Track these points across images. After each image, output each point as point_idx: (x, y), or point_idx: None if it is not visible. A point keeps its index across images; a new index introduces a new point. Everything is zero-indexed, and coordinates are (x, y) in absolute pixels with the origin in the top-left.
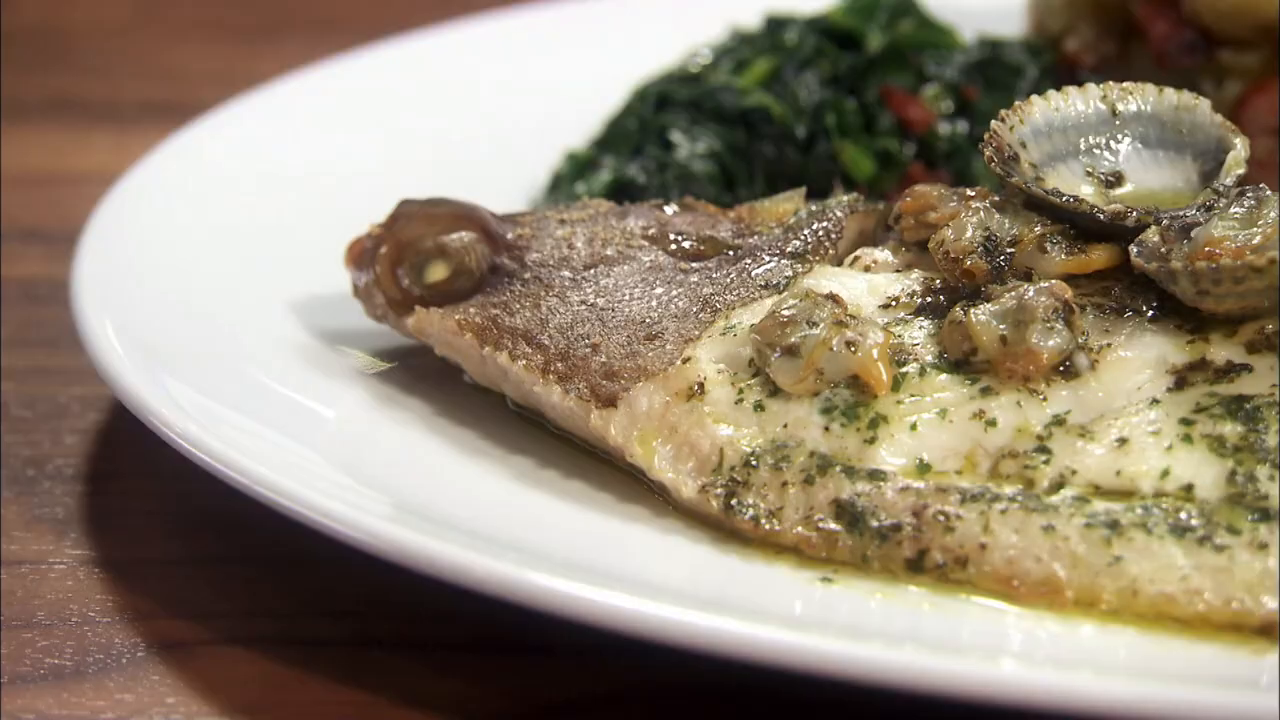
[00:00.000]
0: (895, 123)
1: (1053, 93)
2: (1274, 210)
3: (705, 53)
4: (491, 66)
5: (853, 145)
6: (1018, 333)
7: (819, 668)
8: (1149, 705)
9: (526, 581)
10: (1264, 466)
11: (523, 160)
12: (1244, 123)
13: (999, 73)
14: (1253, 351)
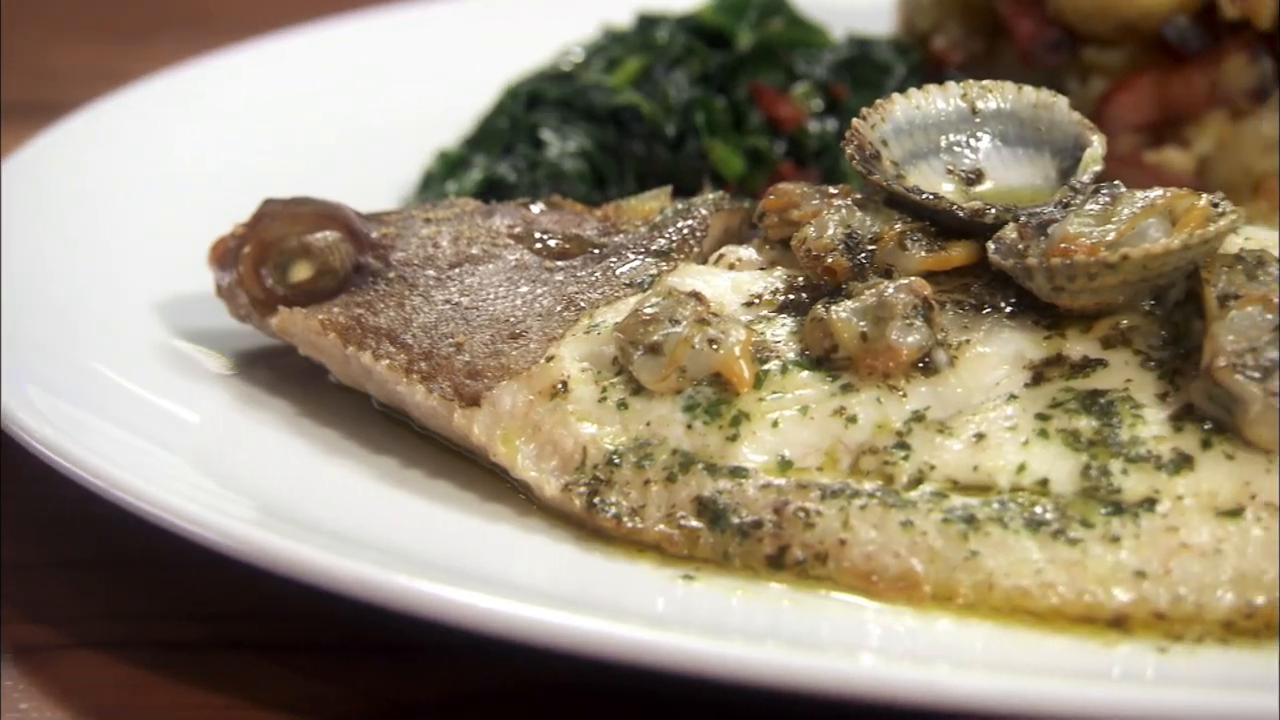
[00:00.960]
0: (765, 121)
1: (914, 91)
2: (1129, 207)
3: (577, 51)
4: (363, 65)
5: (722, 143)
6: (878, 329)
7: (680, 666)
8: (1005, 698)
9: (387, 582)
10: (1117, 460)
11: (395, 159)
12: (1108, 120)
13: (867, 71)
14: (1108, 347)
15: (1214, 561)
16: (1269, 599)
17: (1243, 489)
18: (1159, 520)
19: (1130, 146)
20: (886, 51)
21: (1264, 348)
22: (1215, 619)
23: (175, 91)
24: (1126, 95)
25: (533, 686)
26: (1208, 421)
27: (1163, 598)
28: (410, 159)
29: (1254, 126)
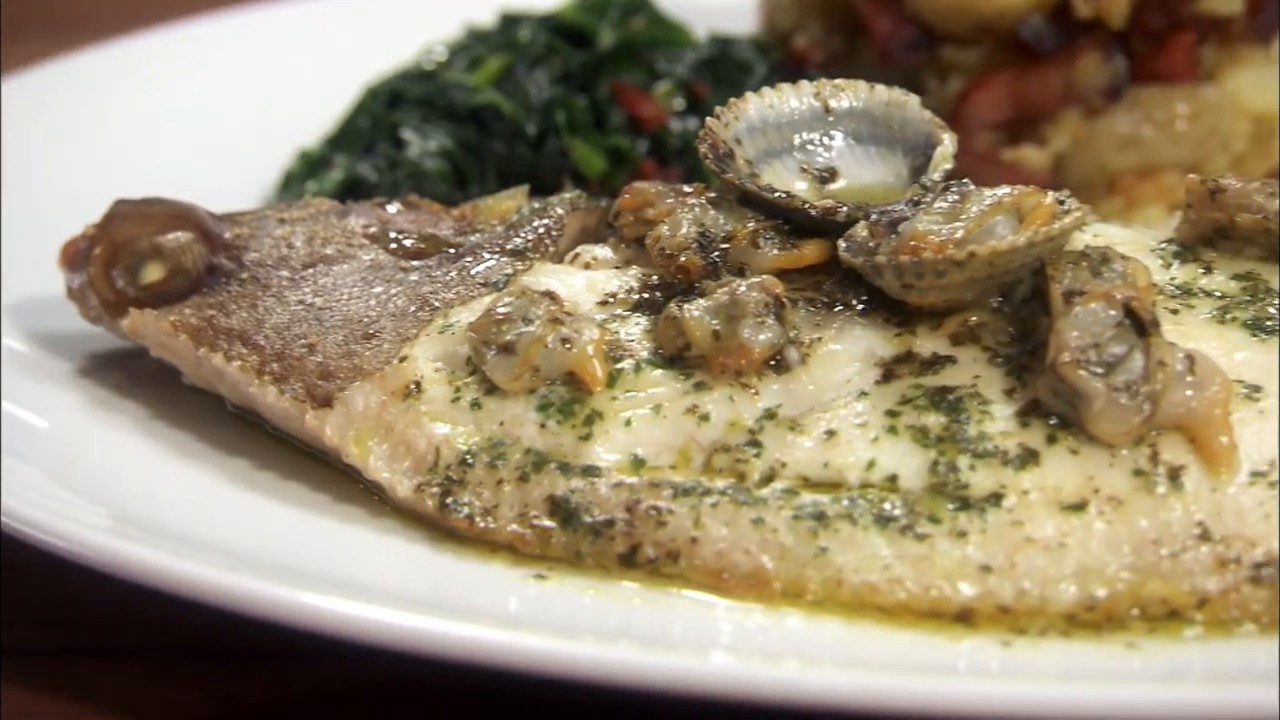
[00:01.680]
0: (627, 120)
1: (767, 90)
2: (977, 205)
3: (440, 50)
4: (224, 64)
5: (583, 142)
6: (730, 328)
7: (533, 666)
8: (852, 695)
9: (235, 586)
10: (965, 456)
11: (256, 159)
12: (966, 118)
13: (729, 70)
14: (957, 344)
15: (1058, 555)
16: (1110, 591)
17: (1086, 483)
18: (1005, 515)
19: (988, 144)
20: (747, 50)
21: (1106, 343)
22: (1058, 612)
23: (29, 92)
24: (983, 94)
25: (387, 687)
26: (1053, 417)
27: (1007, 592)
28: (271, 159)
29: (1108, 124)
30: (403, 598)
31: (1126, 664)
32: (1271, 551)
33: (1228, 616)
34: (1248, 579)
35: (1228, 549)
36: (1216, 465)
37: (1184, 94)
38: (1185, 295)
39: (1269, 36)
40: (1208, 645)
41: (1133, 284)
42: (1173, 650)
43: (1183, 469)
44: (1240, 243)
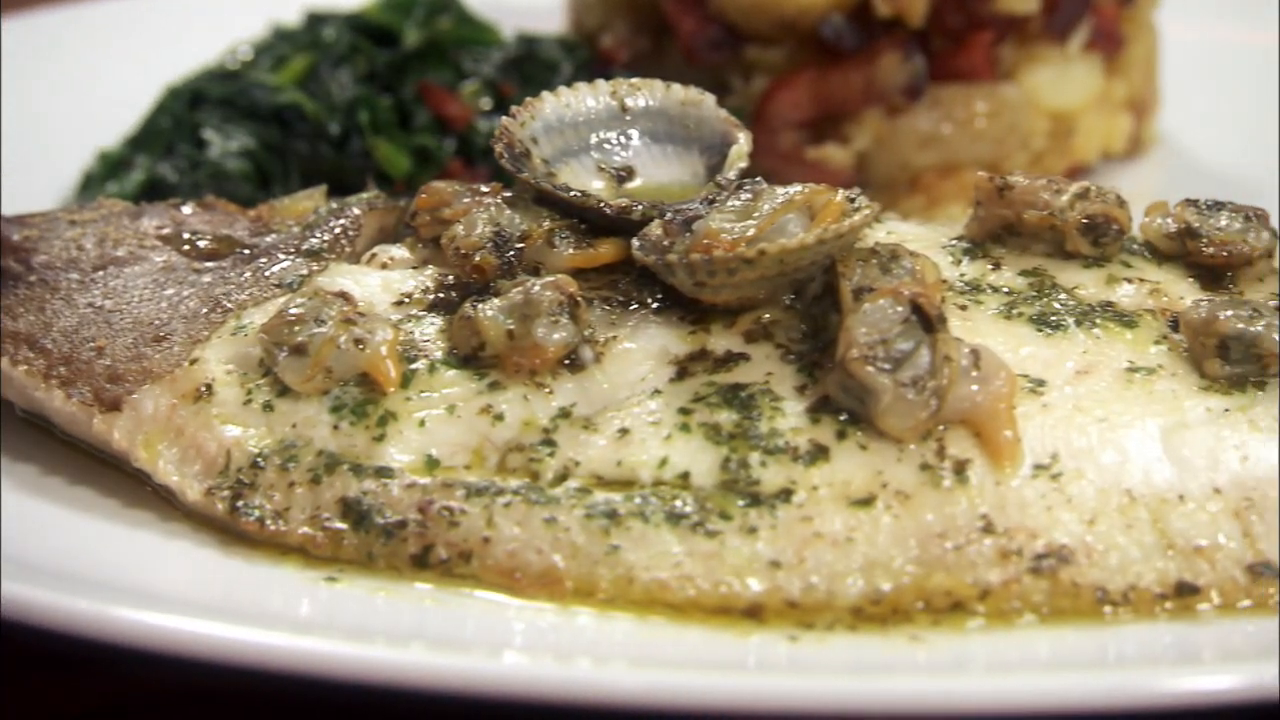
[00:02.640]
0: (433, 119)
1: (563, 89)
2: (769, 203)
3: (245, 50)
4: (25, 65)
5: (387, 142)
6: (524, 327)
7: (324, 670)
8: (642, 692)
9: (17, 595)
10: (756, 453)
11: (55, 160)
12: (770, 117)
13: (535, 69)
14: (750, 341)
15: (845, 550)
16: (896, 585)
17: (874, 478)
18: (794, 510)
19: (792, 143)
20: (554, 49)
21: (894, 339)
22: (845, 606)
23: None
24: (786, 93)
25: (187, 693)
26: (843, 413)
27: (795, 587)
28: (70, 160)
29: (910, 123)
30: (192, 603)
31: (911, 656)
32: (1052, 543)
33: (1009, 607)
34: (1029, 570)
35: (1010, 541)
36: (1000, 459)
37: (983, 92)
38: (974, 291)
39: (1065, 35)
40: (990, 636)
41: (921, 281)
42: (956, 642)
43: (968, 463)
44: (1028, 239)
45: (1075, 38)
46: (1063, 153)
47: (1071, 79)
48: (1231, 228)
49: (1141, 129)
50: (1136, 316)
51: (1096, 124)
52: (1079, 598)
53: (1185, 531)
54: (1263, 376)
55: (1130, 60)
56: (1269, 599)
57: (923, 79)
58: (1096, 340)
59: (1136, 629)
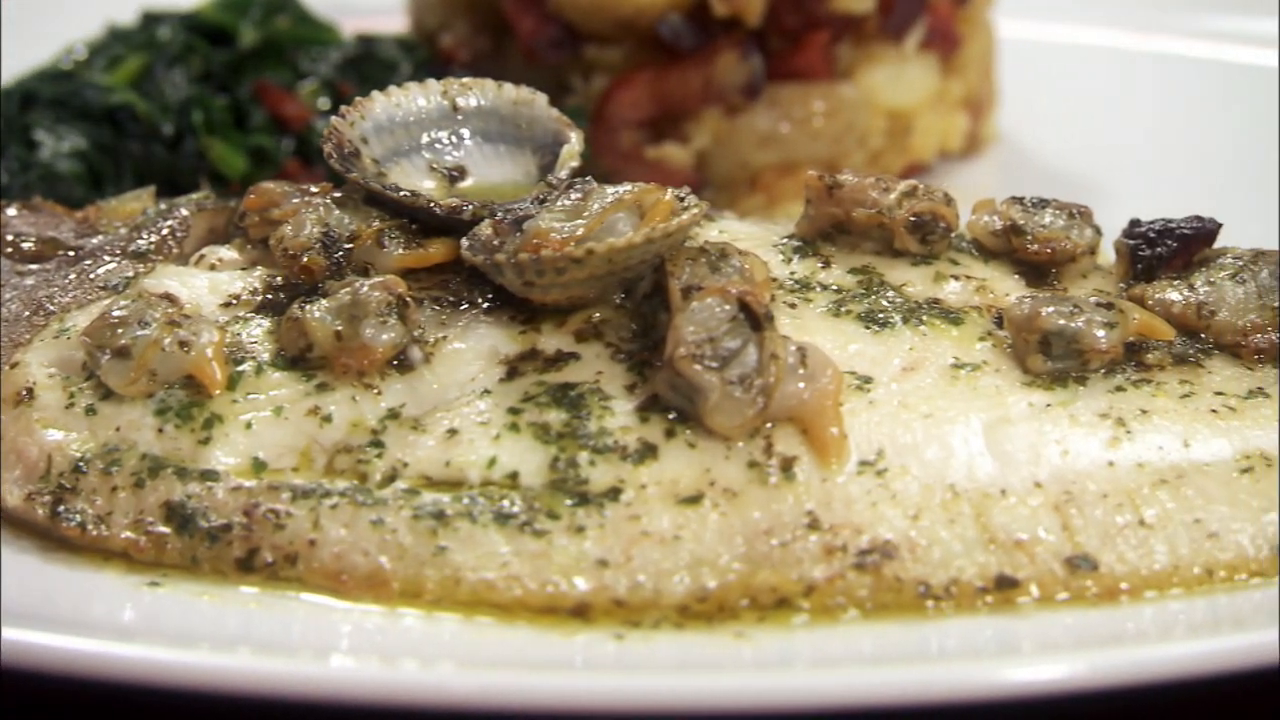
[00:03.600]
0: (270, 119)
1: (394, 88)
2: (598, 202)
3: (80, 50)
4: None
5: (222, 142)
6: (351, 328)
7: (146, 676)
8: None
9: None
10: (585, 452)
11: None
12: (610, 117)
13: (374, 69)
14: (580, 340)
15: (672, 548)
16: (722, 582)
17: (703, 476)
18: (622, 509)
19: (632, 142)
20: (392, 49)
21: (721, 338)
22: (671, 604)
23: None
24: (626, 92)
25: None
26: (672, 411)
27: (622, 585)
28: None
29: (749, 122)
30: (11, 611)
31: (736, 653)
32: (876, 538)
33: (833, 603)
34: (853, 566)
35: (835, 537)
36: (827, 456)
37: (821, 91)
38: (804, 289)
39: (901, 35)
40: (814, 632)
41: (750, 279)
42: (781, 638)
43: (795, 460)
44: (857, 237)
45: (911, 37)
46: (900, 151)
47: (908, 78)
48: (1055, 225)
49: (979, 127)
50: (963, 313)
51: (933, 123)
52: (902, 592)
53: (1006, 525)
54: (1084, 372)
55: (966, 59)
56: (1086, 591)
57: (761, 78)
58: (923, 337)
59: (958, 622)
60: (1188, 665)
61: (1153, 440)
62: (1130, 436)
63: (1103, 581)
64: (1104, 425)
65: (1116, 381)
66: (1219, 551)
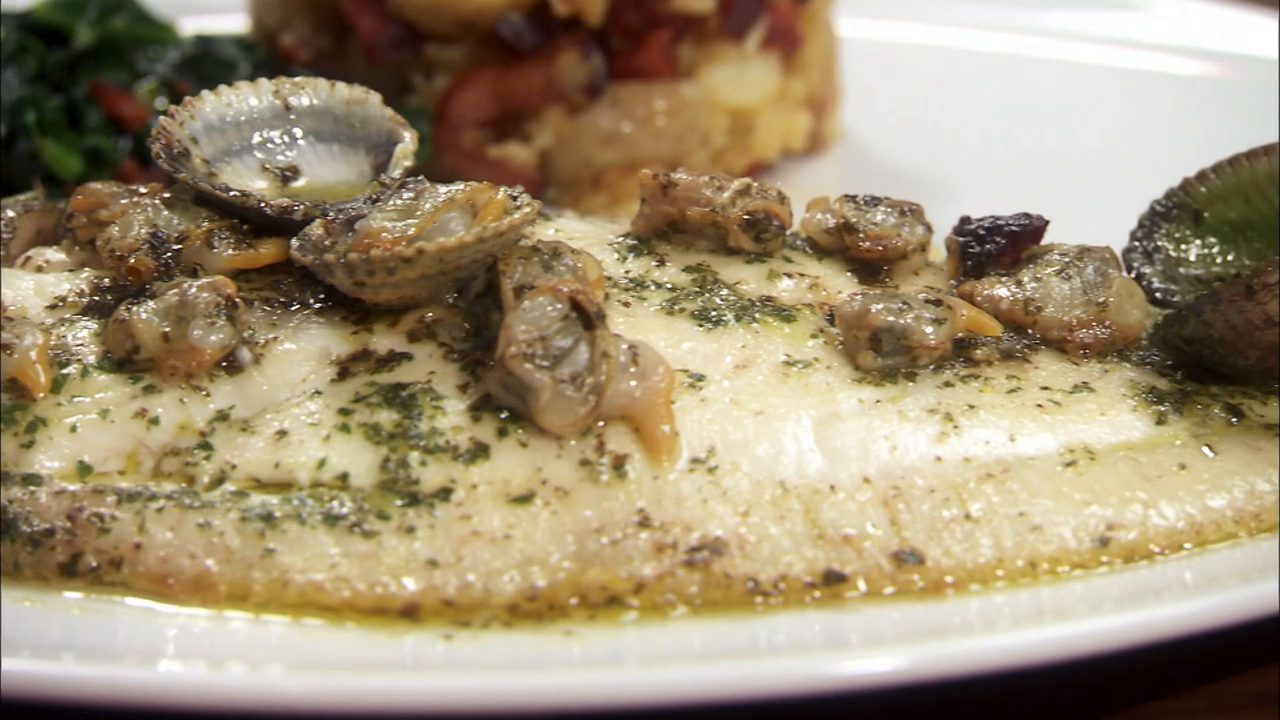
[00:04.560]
0: (106, 119)
1: (224, 88)
2: (430, 201)
3: None
4: None
5: (56, 143)
6: (179, 329)
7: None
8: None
9: None
10: (416, 452)
11: None
12: (451, 116)
13: (212, 68)
14: (414, 340)
15: (503, 547)
16: (551, 581)
17: (534, 475)
18: (453, 509)
19: (474, 141)
20: (231, 48)
21: (553, 336)
22: (501, 603)
23: None
24: (467, 91)
25: None
26: (504, 410)
27: (452, 585)
28: None
29: (591, 121)
30: None
31: (566, 651)
32: (707, 535)
33: (663, 600)
34: (683, 563)
35: (666, 535)
36: (658, 453)
37: (662, 90)
38: (638, 288)
39: (742, 34)
40: (644, 629)
41: (583, 278)
42: (611, 636)
43: (626, 458)
44: (692, 235)
45: (752, 37)
46: (743, 150)
47: (749, 77)
48: (887, 222)
49: (821, 126)
50: (795, 311)
51: (776, 121)
52: (731, 589)
53: (835, 521)
54: (913, 368)
55: (808, 59)
56: (913, 585)
57: (602, 77)
58: (756, 335)
59: (787, 618)
60: (1011, 657)
61: (979, 435)
62: (958, 432)
63: (929, 575)
64: (932, 421)
65: (945, 377)
66: (1042, 544)
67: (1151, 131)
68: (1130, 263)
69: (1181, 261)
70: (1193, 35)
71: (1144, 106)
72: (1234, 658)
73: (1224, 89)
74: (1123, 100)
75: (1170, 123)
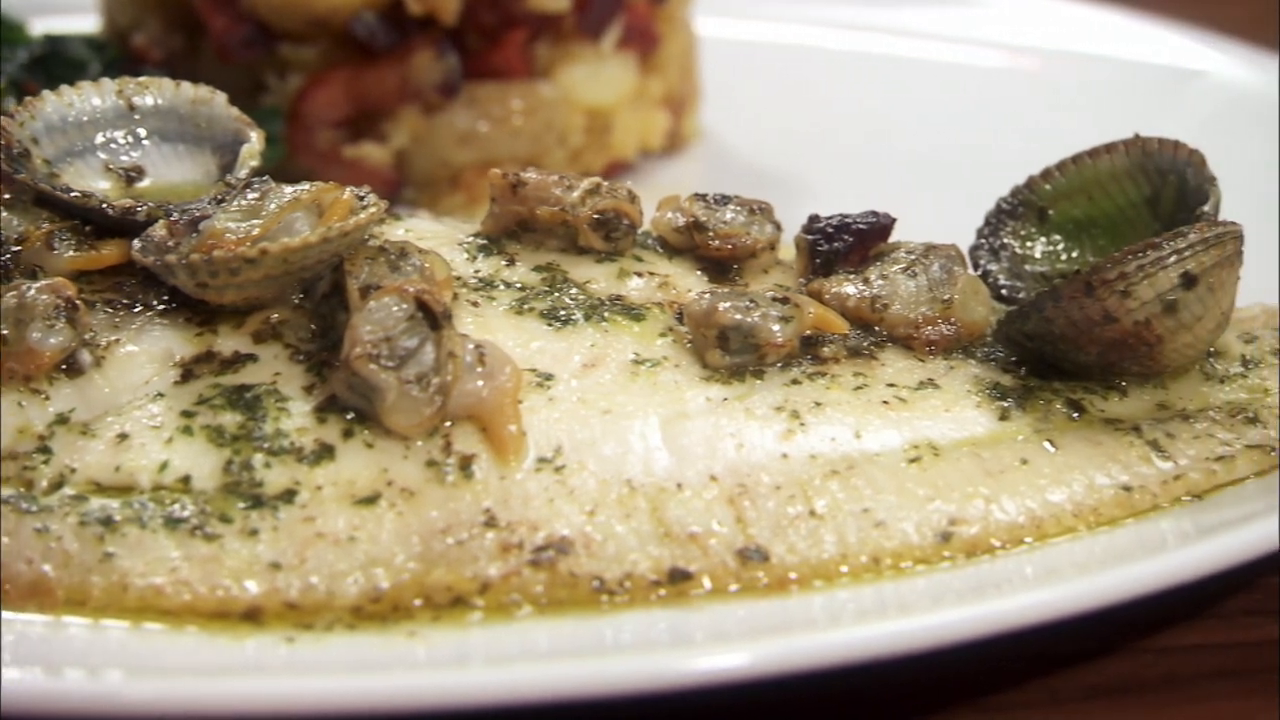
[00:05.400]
0: None
1: (65, 88)
2: (276, 201)
3: None
4: None
5: None
6: (17, 332)
7: None
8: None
9: None
10: (260, 454)
11: None
12: (306, 116)
13: (61, 68)
14: (259, 341)
15: (347, 549)
16: (395, 582)
17: (380, 476)
18: (297, 511)
19: (329, 142)
20: (81, 48)
21: (399, 337)
22: (345, 606)
23: None
24: (321, 91)
25: None
26: (350, 411)
27: (295, 587)
28: None
29: (447, 120)
30: None
31: (410, 652)
32: (553, 535)
33: (508, 600)
34: (529, 562)
35: (512, 534)
36: (505, 453)
37: (519, 90)
38: (487, 288)
39: (599, 33)
40: (489, 629)
41: (430, 278)
42: (456, 636)
43: (473, 458)
44: (542, 235)
45: (609, 36)
46: (601, 149)
47: (606, 76)
48: (737, 221)
49: (681, 125)
50: (645, 309)
51: (634, 120)
52: (577, 588)
53: (681, 519)
54: (761, 366)
55: (666, 58)
56: (758, 582)
57: (457, 77)
58: (605, 334)
59: (632, 616)
60: (854, 651)
61: (825, 432)
62: (804, 429)
63: (773, 572)
64: (779, 418)
65: (793, 375)
66: (885, 540)
67: (1004, 128)
68: (977, 260)
69: (1027, 259)
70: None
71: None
72: (1070, 650)
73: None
74: (977, 98)
75: (1023, 119)
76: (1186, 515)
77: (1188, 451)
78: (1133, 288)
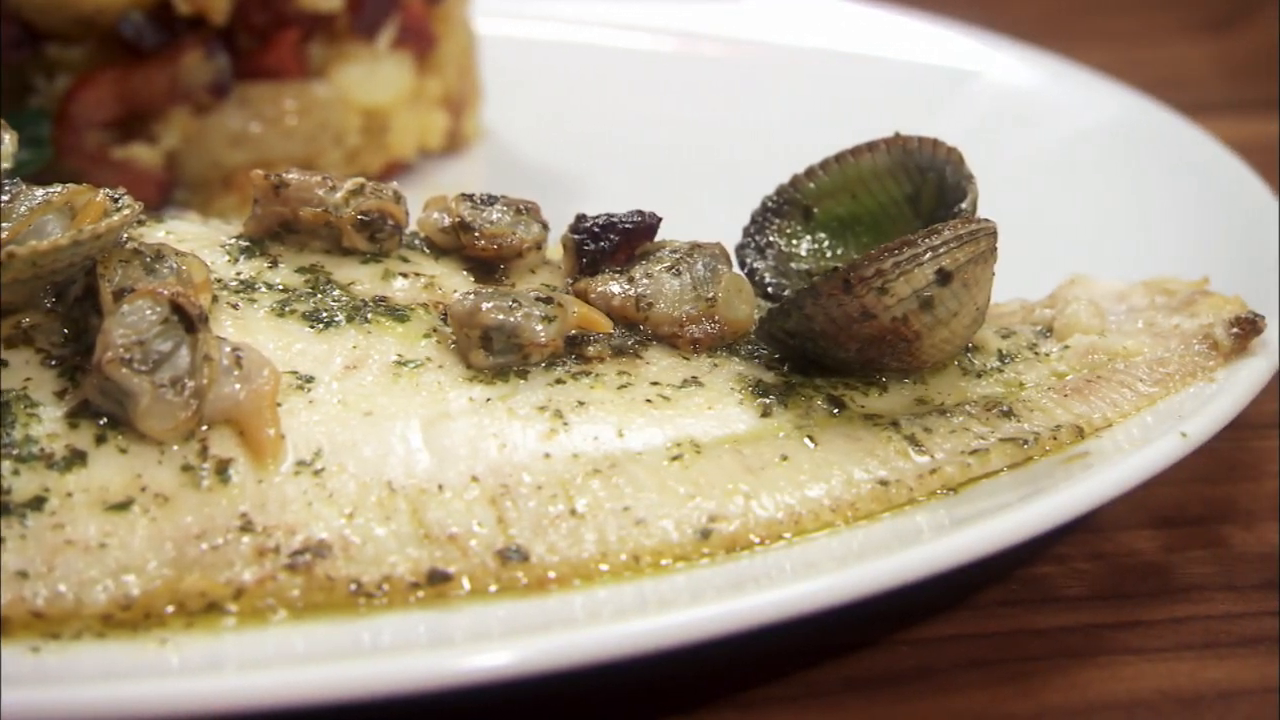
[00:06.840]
0: None
1: None
2: (26, 204)
3: None
4: None
5: None
6: None
7: None
8: None
9: None
10: (8, 461)
11: None
12: (74, 117)
13: None
14: (10, 346)
15: (98, 556)
16: (146, 589)
17: (134, 481)
18: (46, 519)
19: (98, 143)
20: None
21: (152, 340)
22: (94, 613)
23: None
24: (89, 92)
25: None
26: (104, 417)
27: (41, 596)
28: None
29: (219, 121)
30: None
31: (162, 660)
32: (310, 538)
33: (263, 605)
34: (285, 567)
35: (268, 539)
36: (263, 457)
37: (292, 90)
38: (248, 290)
39: (373, 33)
40: (244, 635)
41: (188, 280)
42: (209, 643)
43: (230, 462)
44: (306, 236)
45: (384, 36)
46: (379, 149)
47: (382, 76)
48: (502, 221)
49: (461, 125)
50: (409, 310)
51: (411, 121)
52: (334, 591)
53: (441, 520)
54: (525, 365)
55: (443, 58)
56: (517, 582)
57: (228, 77)
58: (368, 335)
59: (391, 618)
60: (613, 648)
61: (588, 431)
62: (567, 428)
63: (533, 572)
64: (542, 418)
65: (557, 374)
66: (645, 538)
67: (779, 128)
68: (744, 258)
69: (793, 256)
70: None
71: (775, 103)
72: (828, 643)
73: (851, 85)
74: (754, 97)
75: (799, 119)
76: (942, 508)
77: (944, 445)
78: (889, 285)
